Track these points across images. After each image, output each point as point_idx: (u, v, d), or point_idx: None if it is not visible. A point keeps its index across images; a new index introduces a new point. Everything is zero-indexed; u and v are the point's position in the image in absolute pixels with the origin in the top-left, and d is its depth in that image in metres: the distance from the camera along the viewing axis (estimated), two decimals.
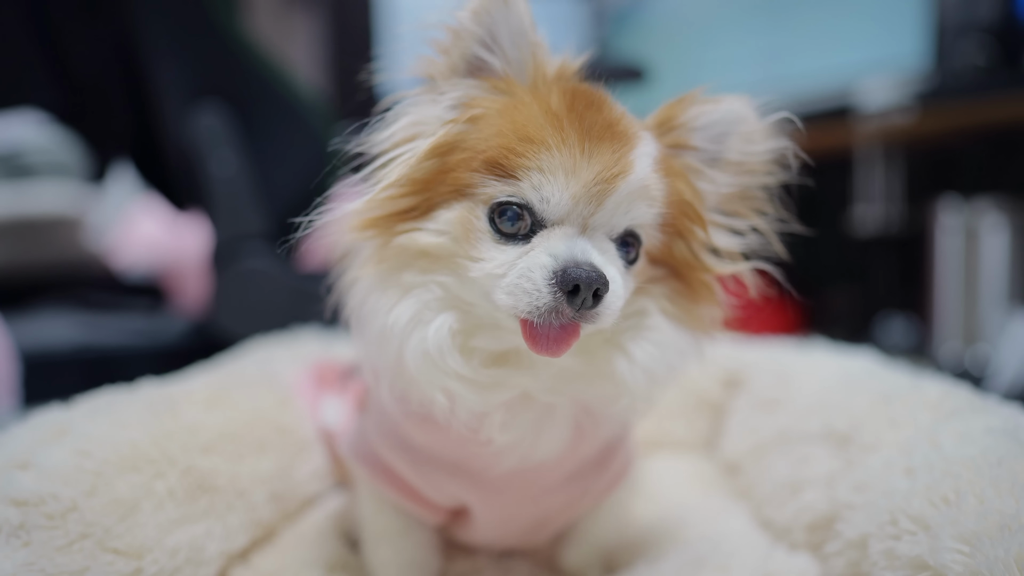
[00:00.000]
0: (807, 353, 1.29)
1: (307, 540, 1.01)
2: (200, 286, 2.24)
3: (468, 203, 0.68)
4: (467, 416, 0.71)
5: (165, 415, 0.93)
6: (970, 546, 0.65)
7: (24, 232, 2.53)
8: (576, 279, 0.61)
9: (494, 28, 0.71)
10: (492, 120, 0.68)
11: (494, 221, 0.66)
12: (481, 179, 0.66)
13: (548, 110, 0.67)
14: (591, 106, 0.68)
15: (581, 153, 0.65)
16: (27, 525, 0.72)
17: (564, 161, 0.65)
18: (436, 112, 0.72)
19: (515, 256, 0.65)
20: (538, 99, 0.69)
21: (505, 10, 0.70)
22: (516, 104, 0.69)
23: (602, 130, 0.67)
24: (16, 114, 2.36)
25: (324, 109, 1.92)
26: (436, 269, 0.69)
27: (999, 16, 2.16)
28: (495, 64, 0.72)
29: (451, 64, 0.73)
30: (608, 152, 0.66)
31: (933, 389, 0.96)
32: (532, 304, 0.63)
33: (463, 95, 0.72)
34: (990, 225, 2.20)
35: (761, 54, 2.95)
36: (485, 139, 0.67)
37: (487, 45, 0.72)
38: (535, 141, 0.65)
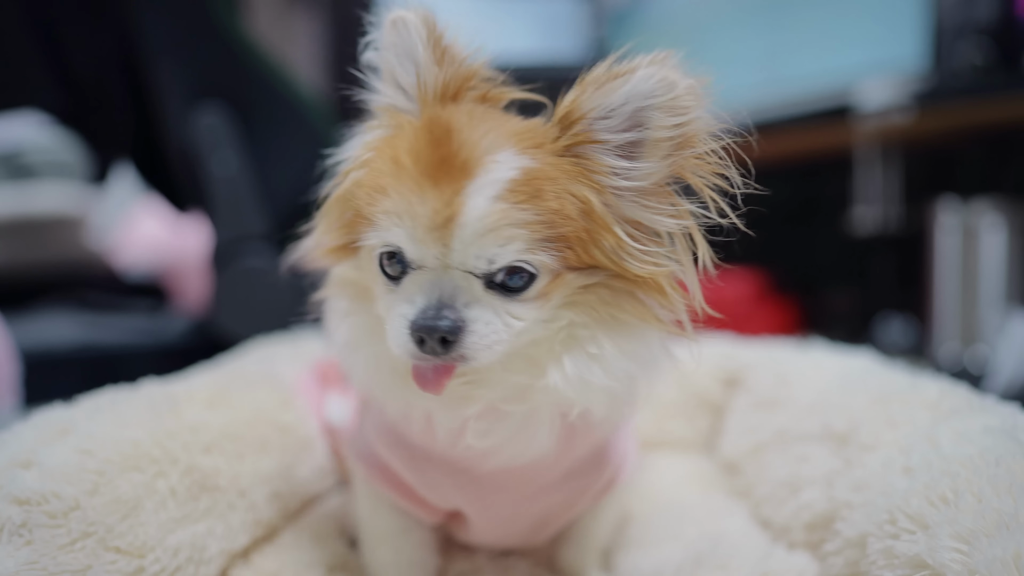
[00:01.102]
0: (806, 353, 1.29)
1: (308, 540, 1.01)
2: (201, 286, 2.24)
3: (372, 244, 0.70)
4: (443, 425, 0.73)
5: (167, 414, 0.94)
6: (968, 545, 0.65)
7: (26, 232, 2.53)
8: (423, 331, 0.63)
9: (396, 55, 0.72)
10: (368, 166, 0.70)
11: (382, 265, 0.68)
12: (365, 225, 0.68)
13: (397, 152, 0.67)
14: (436, 140, 0.65)
15: (414, 194, 0.64)
16: (29, 524, 0.73)
17: (398, 205, 0.65)
18: (354, 150, 0.75)
19: (393, 299, 0.68)
20: (401, 136, 0.69)
21: (397, 36, 0.71)
22: (387, 143, 0.70)
23: (439, 166, 0.64)
24: (18, 115, 2.37)
25: (325, 109, 1.92)
26: (367, 298, 0.73)
27: (998, 17, 2.17)
28: (389, 93, 0.74)
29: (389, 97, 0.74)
30: (442, 190, 0.63)
31: (932, 389, 0.96)
32: (403, 348, 0.65)
33: (369, 134, 0.74)
34: (989, 225, 2.21)
35: (760, 54, 2.95)
36: (354, 188, 0.71)
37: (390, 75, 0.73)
38: (378, 189, 0.66)
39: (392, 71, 0.72)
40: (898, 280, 2.73)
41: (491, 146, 0.65)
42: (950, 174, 2.58)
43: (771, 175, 2.91)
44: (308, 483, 1.11)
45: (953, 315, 2.28)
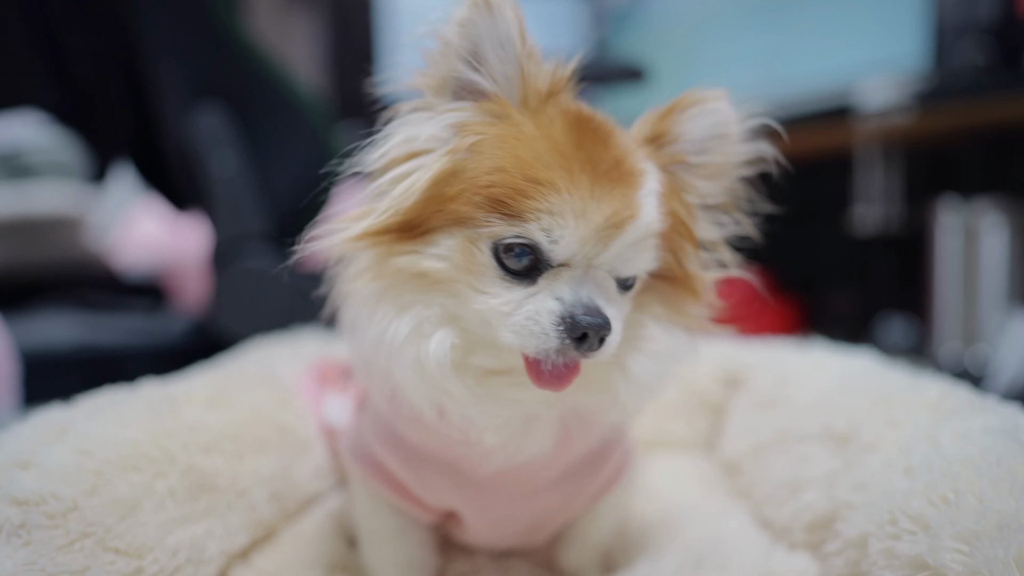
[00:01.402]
0: (807, 353, 1.29)
1: (307, 540, 1.01)
2: (201, 286, 2.24)
3: (469, 233, 0.66)
4: (458, 421, 0.71)
5: (166, 415, 0.93)
6: (969, 545, 0.65)
7: (25, 232, 2.53)
8: (584, 327, 0.63)
9: (479, 41, 0.68)
10: (491, 150, 0.66)
11: (499, 258, 0.66)
12: (484, 215, 0.65)
13: (555, 146, 0.66)
14: (599, 141, 0.67)
15: (591, 196, 0.64)
16: (28, 524, 0.73)
17: (574, 204, 0.64)
18: (431, 131, 0.69)
19: (521, 296, 0.65)
20: (540, 129, 0.67)
21: (490, 20, 0.67)
22: (516, 133, 0.67)
23: (610, 169, 0.66)
24: (16, 115, 2.36)
25: (324, 109, 1.92)
26: (434, 290, 0.69)
27: (998, 16, 2.17)
28: (478, 80, 0.69)
29: (440, 79, 0.70)
30: (618, 195, 0.65)
31: (932, 389, 0.96)
32: (539, 347, 0.64)
33: (458, 116, 0.69)
34: (989, 225, 2.21)
35: (761, 54, 2.95)
36: (486, 173, 0.65)
37: (473, 61, 0.69)
38: (543, 183, 0.64)
39: (478, 53, 0.68)
40: (899, 280, 2.73)
41: (643, 155, 0.70)
42: (951, 174, 2.59)
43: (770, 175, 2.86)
44: (307, 483, 1.11)
45: (954, 315, 2.28)
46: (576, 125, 0.68)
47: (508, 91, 0.69)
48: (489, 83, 0.69)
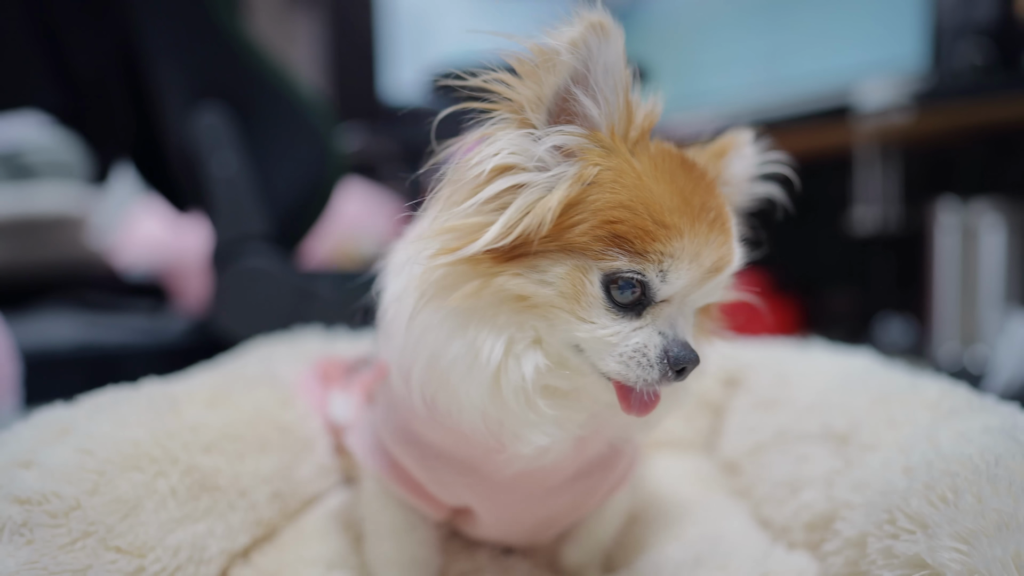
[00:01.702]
0: (806, 353, 1.29)
1: (307, 537, 1.02)
2: (202, 285, 2.25)
3: (579, 263, 0.67)
4: (507, 435, 0.72)
5: (167, 414, 0.94)
6: (968, 545, 0.65)
7: (26, 232, 2.53)
8: (684, 362, 0.67)
9: (589, 63, 0.66)
10: (611, 184, 0.67)
11: (609, 290, 0.67)
12: (603, 248, 0.66)
13: (675, 190, 0.68)
14: (706, 188, 0.71)
15: (706, 242, 0.68)
16: (30, 523, 0.73)
17: (691, 249, 0.67)
18: (535, 150, 0.67)
19: (628, 328, 0.68)
20: (656, 169, 0.69)
21: (602, 44, 0.65)
22: (632, 170, 0.68)
23: (718, 218, 0.70)
24: (18, 116, 2.37)
25: (325, 110, 1.92)
26: (528, 313, 0.69)
27: (996, 17, 2.17)
28: (587, 104, 0.67)
29: (539, 94, 0.68)
30: (722, 241, 0.70)
31: (931, 389, 0.96)
32: (643, 377, 0.67)
33: (565, 140, 0.68)
34: (988, 225, 2.21)
35: (760, 55, 2.96)
36: (612, 208, 0.66)
37: (581, 81, 0.67)
38: (669, 227, 0.66)
39: (586, 76, 0.67)
40: (898, 280, 2.73)
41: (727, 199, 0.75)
42: (949, 174, 2.59)
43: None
44: (308, 482, 1.12)
45: (952, 315, 2.29)
46: (683, 168, 0.71)
47: (610, 120, 0.69)
48: (595, 108, 0.68)
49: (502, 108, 0.69)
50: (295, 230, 1.97)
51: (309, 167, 1.90)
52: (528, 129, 0.68)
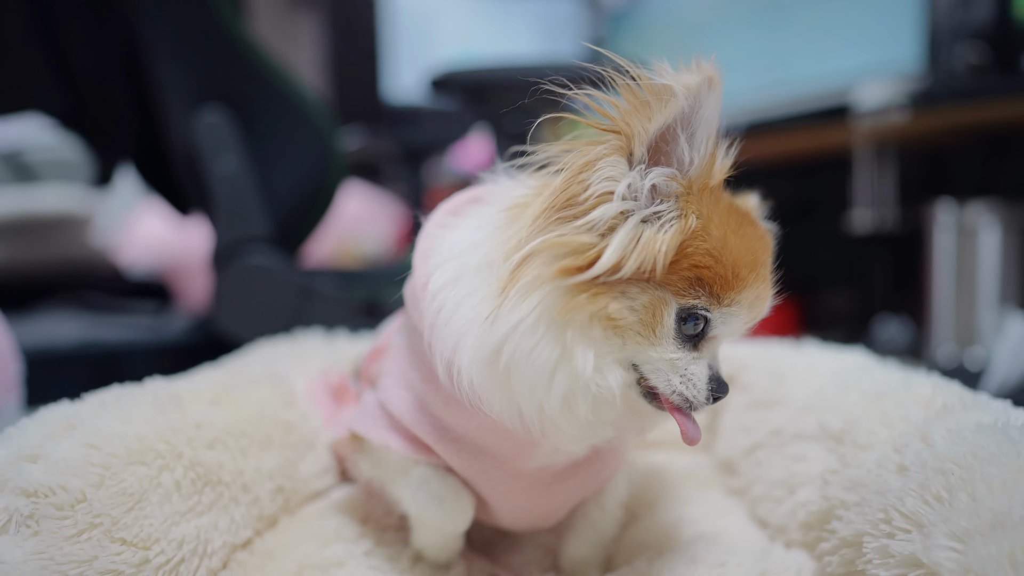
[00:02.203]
0: (801, 352, 1.29)
1: (305, 519, 1.04)
2: (205, 284, 2.25)
3: (661, 295, 0.74)
4: (552, 434, 0.77)
5: (171, 411, 0.95)
6: (963, 544, 0.65)
7: (30, 231, 2.53)
8: (723, 392, 0.77)
9: (696, 110, 0.70)
10: (702, 235, 0.73)
11: (680, 321, 0.75)
12: (686, 287, 0.74)
13: (748, 246, 0.77)
14: (764, 244, 0.80)
15: (759, 294, 0.78)
16: (37, 515, 0.74)
17: (750, 299, 0.77)
18: (641, 184, 0.72)
19: (689, 357, 0.76)
20: (731, 222, 0.76)
21: (709, 96, 0.70)
22: (717, 221, 0.75)
23: (767, 271, 0.79)
24: (21, 119, 2.37)
25: (326, 111, 1.93)
26: (612, 332, 0.74)
27: (993, 20, 2.18)
28: (683, 147, 0.72)
29: (647, 128, 0.71)
30: (768, 293, 0.80)
31: (925, 386, 0.97)
32: (695, 397, 0.76)
33: (660, 180, 0.72)
34: (985, 226, 2.22)
35: (758, 56, 2.96)
36: (700, 255, 0.73)
37: (685, 126, 0.71)
38: (743, 279, 0.75)
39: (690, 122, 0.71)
40: (895, 281, 2.74)
41: None
42: (947, 175, 2.60)
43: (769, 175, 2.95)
44: (311, 479, 1.13)
45: (950, 316, 2.29)
46: (748, 223, 0.79)
47: (698, 165, 0.74)
48: (690, 154, 0.73)
49: (612, 134, 0.72)
50: (297, 232, 1.97)
51: (311, 169, 1.91)
52: (635, 162, 0.72)
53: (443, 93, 1.87)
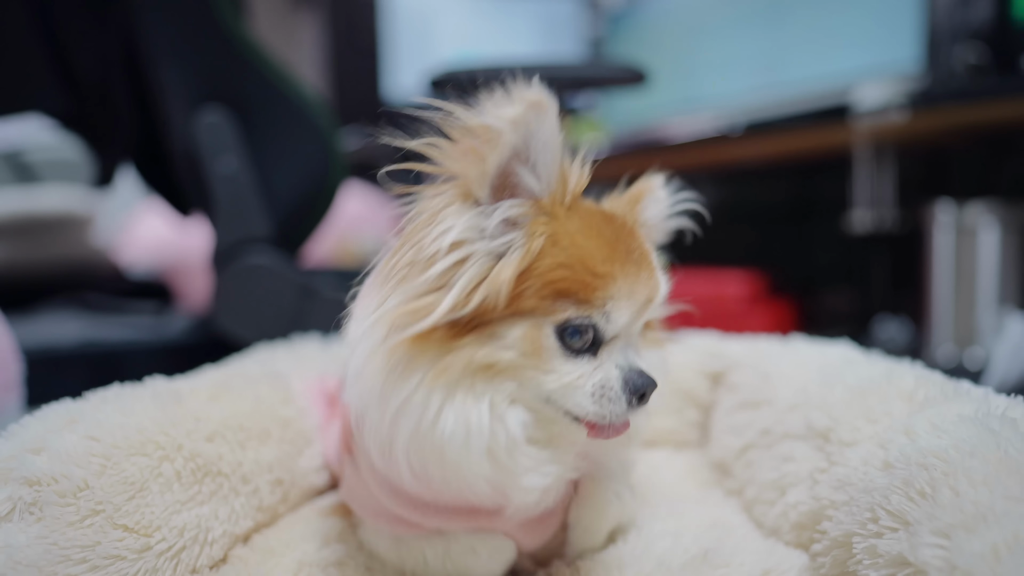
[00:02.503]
0: (788, 347, 1.28)
1: (305, 517, 1.05)
2: (206, 284, 2.26)
3: (532, 321, 0.73)
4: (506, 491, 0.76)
5: (171, 406, 0.97)
6: (948, 540, 0.65)
7: (30, 231, 2.54)
8: (644, 388, 0.75)
9: (529, 140, 0.71)
10: (551, 250, 0.73)
11: (563, 339, 0.74)
12: (551, 304, 0.73)
13: (605, 243, 0.76)
14: (627, 234, 0.79)
15: (636, 280, 0.77)
16: (40, 502, 0.76)
17: (626, 289, 0.76)
18: (484, 225, 0.72)
19: (589, 369, 0.75)
20: (585, 226, 0.76)
21: (540, 121, 0.70)
22: (567, 230, 0.74)
23: (641, 257, 0.79)
24: (21, 119, 2.38)
25: (327, 112, 1.94)
26: (500, 377, 0.74)
27: (992, 20, 2.18)
28: (527, 177, 0.73)
29: (483, 170, 0.71)
30: (649, 275, 0.79)
31: (907, 378, 0.96)
32: (613, 411, 0.75)
33: (509, 213, 0.72)
34: (984, 226, 2.22)
35: (757, 56, 2.97)
36: (551, 271, 0.73)
37: (522, 156, 0.72)
38: (604, 275, 0.74)
39: (526, 152, 0.72)
40: (894, 281, 2.74)
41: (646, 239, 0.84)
42: (946, 175, 2.60)
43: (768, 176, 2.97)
44: (309, 474, 1.14)
45: (949, 316, 2.30)
46: (607, 221, 0.79)
47: (548, 188, 0.75)
48: (536, 182, 0.73)
49: (447, 186, 0.73)
50: (298, 232, 1.98)
51: (311, 169, 1.91)
52: (475, 205, 0.72)
53: (443, 93, 1.88)
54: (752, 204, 3.26)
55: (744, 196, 3.30)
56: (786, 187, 3.10)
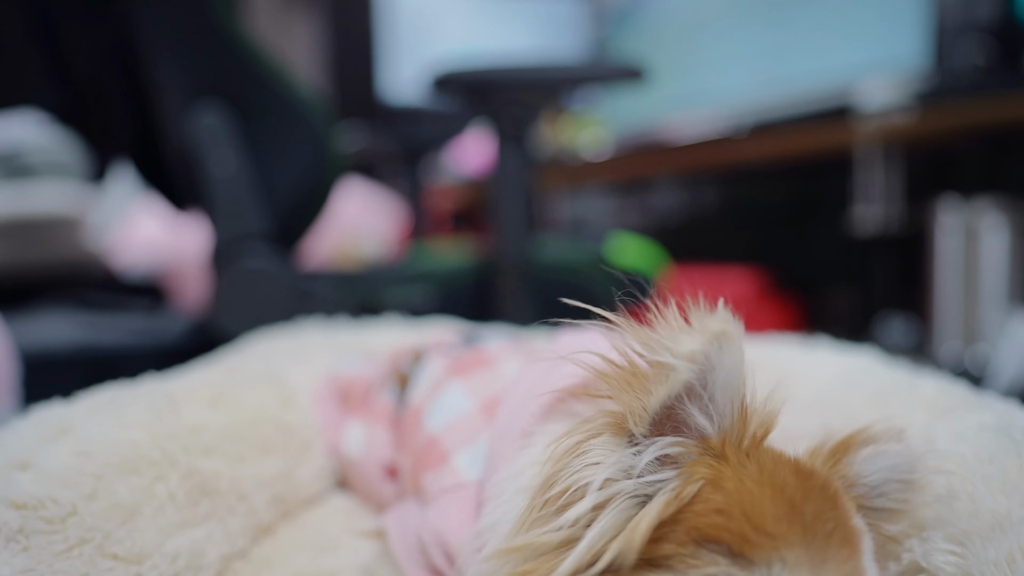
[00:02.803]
0: (810, 351, 1.28)
1: (302, 526, 1.03)
2: (201, 285, 2.25)
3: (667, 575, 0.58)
4: None
5: (167, 414, 0.93)
6: (962, 547, 0.65)
7: (24, 232, 2.53)
8: None
9: (707, 376, 0.59)
10: (710, 491, 0.59)
11: None
12: (694, 552, 0.57)
13: (784, 498, 0.59)
14: (830, 500, 0.61)
15: (824, 559, 0.58)
16: (26, 530, 0.72)
17: (806, 563, 0.57)
18: (634, 464, 0.60)
19: None
20: (766, 476, 0.60)
21: (722, 355, 0.58)
22: (738, 476, 0.60)
23: (839, 529, 0.60)
24: (16, 114, 2.37)
25: (324, 109, 1.92)
26: None
27: (998, 16, 2.17)
28: (697, 415, 0.60)
29: (645, 405, 0.60)
30: (846, 559, 0.59)
31: (929, 386, 0.95)
32: None
33: (667, 451, 0.60)
34: (990, 225, 2.21)
35: (761, 54, 2.96)
36: (703, 514, 0.58)
37: (695, 393, 0.60)
38: (776, 536, 0.57)
39: (703, 389, 0.60)
40: (899, 279, 2.73)
41: (856, 512, 0.64)
42: (951, 174, 2.59)
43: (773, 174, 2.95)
44: (308, 484, 1.11)
45: (954, 315, 2.29)
46: (797, 475, 0.62)
47: (723, 428, 0.62)
48: (709, 423, 0.61)
49: (602, 414, 0.62)
50: (295, 229, 1.97)
51: (308, 166, 1.90)
52: (629, 442, 0.61)
53: (446, 93, 1.87)
54: (757, 202, 3.26)
55: (749, 195, 3.29)
56: (791, 185, 3.09)
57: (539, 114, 1.79)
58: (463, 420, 0.90)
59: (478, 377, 0.97)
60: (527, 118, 1.75)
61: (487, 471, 0.77)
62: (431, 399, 0.97)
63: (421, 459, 0.90)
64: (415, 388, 1.04)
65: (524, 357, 1.00)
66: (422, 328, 1.46)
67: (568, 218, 4.48)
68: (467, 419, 0.90)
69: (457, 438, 0.88)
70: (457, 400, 0.93)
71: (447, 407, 0.94)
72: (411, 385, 1.06)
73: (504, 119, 1.76)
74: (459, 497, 0.80)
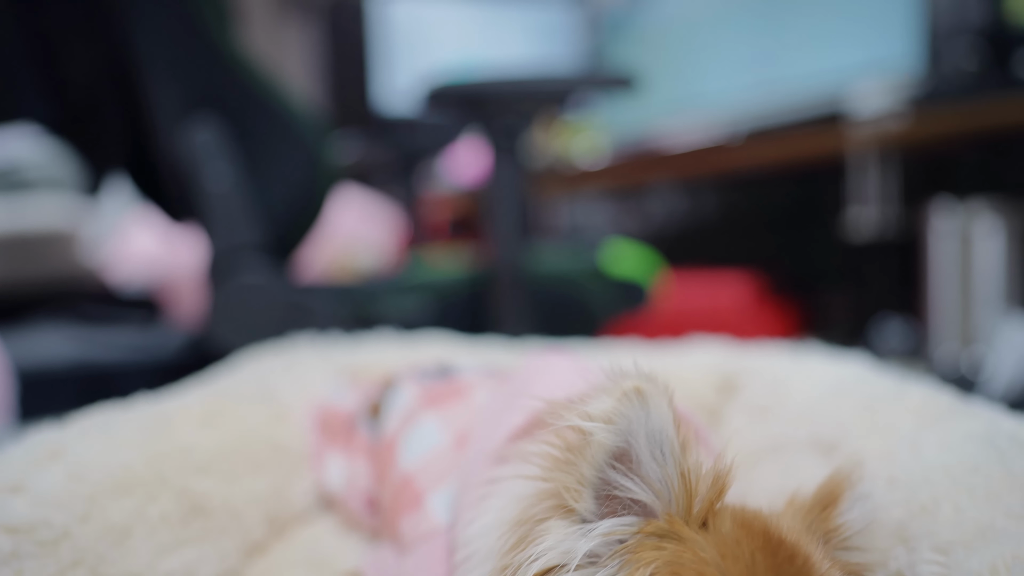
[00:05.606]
0: (801, 359, 1.28)
1: (295, 545, 1.03)
2: (196, 299, 2.25)
3: None
4: None
5: (159, 435, 0.94)
6: (946, 556, 0.65)
7: (19, 247, 2.54)
8: None
9: (631, 439, 0.55)
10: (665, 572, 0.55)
11: None
12: None
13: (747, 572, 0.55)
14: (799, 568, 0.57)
15: None
16: (20, 553, 0.72)
17: None
18: (582, 546, 0.56)
19: None
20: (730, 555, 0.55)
21: (644, 414, 0.55)
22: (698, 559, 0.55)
23: None
24: (10, 128, 2.37)
25: (318, 121, 1.93)
26: None
27: (990, 19, 2.18)
28: (636, 489, 0.56)
29: (579, 479, 0.57)
30: None
31: (916, 394, 0.95)
32: None
33: (614, 532, 0.56)
34: (985, 228, 2.21)
35: (755, 60, 2.96)
36: None
37: (623, 458, 0.56)
38: None
39: (629, 453, 0.56)
40: (895, 283, 2.73)
41: None
42: (945, 177, 2.59)
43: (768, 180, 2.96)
44: (300, 499, 1.12)
45: (950, 318, 2.29)
46: (767, 549, 0.57)
47: (666, 497, 0.57)
48: (645, 491, 0.56)
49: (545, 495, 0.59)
50: (290, 240, 1.98)
51: (302, 177, 1.91)
52: (575, 520, 0.57)
53: (439, 107, 1.87)
54: (753, 207, 3.26)
55: (745, 200, 3.29)
56: (787, 190, 3.09)
57: (532, 124, 1.79)
58: (437, 457, 0.89)
59: (451, 408, 0.96)
60: (520, 128, 1.75)
61: (455, 516, 0.76)
62: (404, 430, 0.96)
63: (397, 498, 0.89)
64: (388, 417, 1.03)
65: (494, 384, 0.99)
66: (417, 343, 1.46)
67: (565, 224, 4.48)
68: (441, 455, 0.89)
69: (431, 477, 0.86)
70: (430, 434, 0.92)
71: (421, 441, 0.93)
72: (384, 414, 1.05)
73: (497, 130, 1.76)
74: (434, 547, 0.77)
